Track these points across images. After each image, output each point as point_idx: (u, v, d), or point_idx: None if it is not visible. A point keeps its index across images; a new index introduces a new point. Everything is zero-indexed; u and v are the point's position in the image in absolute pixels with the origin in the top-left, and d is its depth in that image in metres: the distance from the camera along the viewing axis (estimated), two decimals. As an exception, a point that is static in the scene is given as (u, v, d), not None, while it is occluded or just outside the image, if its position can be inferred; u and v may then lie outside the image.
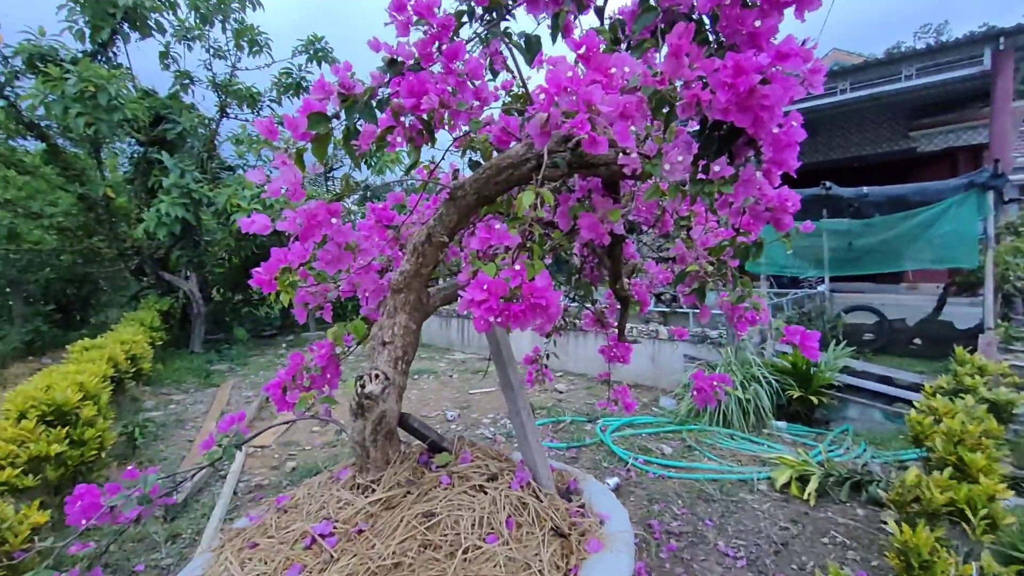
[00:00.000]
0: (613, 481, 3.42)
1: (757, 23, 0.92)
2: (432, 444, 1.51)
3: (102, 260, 9.08)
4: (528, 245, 1.04)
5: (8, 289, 8.99)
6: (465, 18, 1.16)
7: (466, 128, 1.15)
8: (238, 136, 9.73)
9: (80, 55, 7.54)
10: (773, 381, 4.42)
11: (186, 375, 6.98)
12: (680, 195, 1.00)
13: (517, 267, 1.02)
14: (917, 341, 7.02)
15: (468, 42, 1.17)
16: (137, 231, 7.11)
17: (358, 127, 1.05)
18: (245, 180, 7.54)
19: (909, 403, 4.19)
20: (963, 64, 7.07)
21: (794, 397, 4.33)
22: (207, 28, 8.17)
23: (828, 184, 4.71)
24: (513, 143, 1.17)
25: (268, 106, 9.68)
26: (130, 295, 9.46)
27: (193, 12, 7.92)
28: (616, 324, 2.34)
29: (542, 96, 0.82)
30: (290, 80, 9.54)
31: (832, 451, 3.86)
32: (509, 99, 1.63)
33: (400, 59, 1.03)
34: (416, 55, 1.01)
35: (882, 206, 4.52)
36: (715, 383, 1.75)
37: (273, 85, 9.74)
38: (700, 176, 0.98)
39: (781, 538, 2.83)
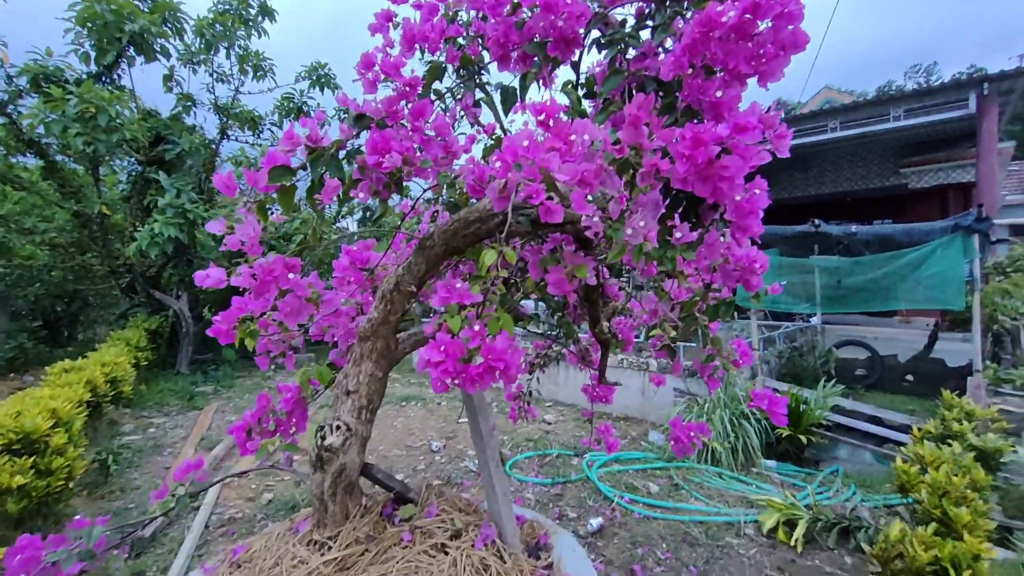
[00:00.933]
0: (597, 522, 3.34)
1: (719, 93, 0.92)
2: (397, 495, 1.46)
3: (93, 277, 9.03)
4: (489, 304, 1.02)
5: (-4, 304, 8.91)
6: (441, 72, 1.17)
7: (434, 182, 1.15)
8: (236, 158, 9.83)
9: (85, 76, 7.67)
10: (763, 419, 4.36)
11: (169, 397, 6.87)
12: (644, 259, 0.99)
13: (477, 327, 1.00)
14: (909, 378, 7.00)
15: (442, 96, 1.18)
16: (130, 249, 7.09)
17: (323, 180, 1.04)
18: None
19: (899, 444, 4.14)
20: (950, 107, 7.25)
21: (783, 436, 4.27)
22: (212, 54, 8.33)
23: (817, 222, 4.76)
24: (484, 196, 1.17)
25: (269, 129, 9.81)
26: (119, 312, 9.38)
27: (199, 39, 8.08)
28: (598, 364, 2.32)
29: (498, 164, 0.82)
30: (292, 105, 9.69)
31: (821, 493, 3.78)
32: (491, 142, 1.64)
33: (368, 115, 1.03)
34: (383, 112, 1.01)
35: (871, 245, 4.56)
36: (692, 433, 1.71)
37: (275, 109, 9.90)
38: (666, 238, 0.98)
39: (767, 588, 2.74)
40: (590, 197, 0.84)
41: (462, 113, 1.26)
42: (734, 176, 0.88)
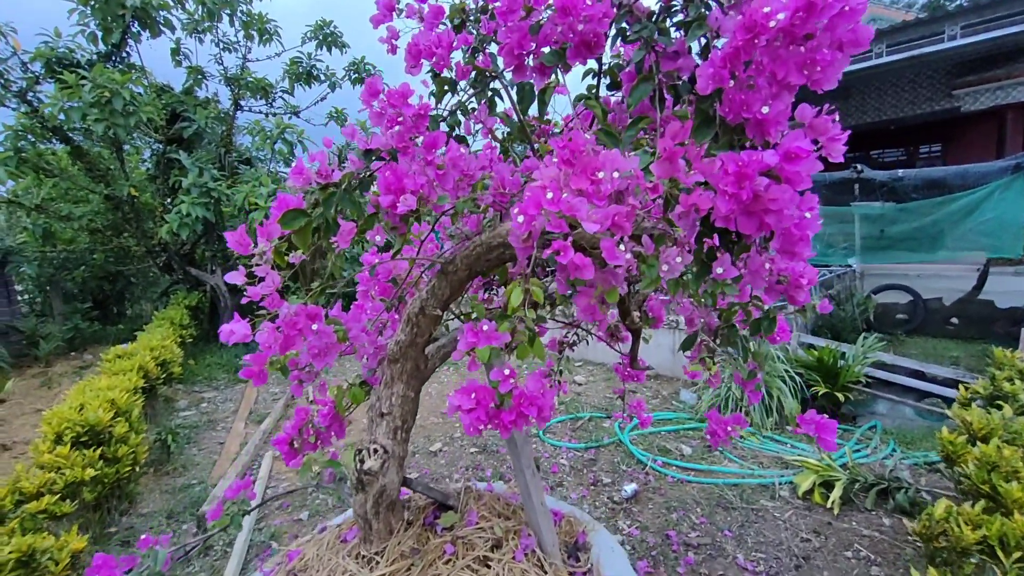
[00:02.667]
0: (631, 488, 3.42)
1: (764, 109, 0.82)
2: (438, 503, 1.50)
3: (132, 257, 9.38)
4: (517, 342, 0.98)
5: (48, 288, 9.40)
6: (452, 86, 1.08)
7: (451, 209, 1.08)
8: (251, 127, 9.75)
9: (95, 57, 7.61)
10: (797, 377, 4.30)
11: (217, 371, 7.24)
12: (681, 290, 0.92)
13: (507, 371, 0.97)
14: (954, 321, 6.71)
15: (454, 113, 1.09)
16: (162, 230, 7.28)
17: (337, 220, 1.00)
18: (263, 177, 7.58)
19: (943, 398, 4.03)
20: (1013, 19, 6.48)
21: (820, 393, 4.21)
22: (216, 22, 8.10)
23: (860, 167, 4.44)
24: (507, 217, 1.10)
25: (281, 97, 9.64)
26: (160, 290, 9.77)
27: (200, 7, 7.84)
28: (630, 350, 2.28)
29: (520, 218, 0.75)
30: (301, 69, 9.45)
31: (858, 451, 3.76)
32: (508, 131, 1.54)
33: (377, 149, 0.97)
34: (393, 146, 0.95)
35: (919, 189, 4.25)
36: (730, 426, 1.68)
37: (285, 74, 9.67)
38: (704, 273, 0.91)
39: (803, 551, 2.79)
40: (622, 246, 0.77)
41: (477, 127, 1.17)
42: (782, 209, 0.79)
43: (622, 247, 0.77)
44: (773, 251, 0.93)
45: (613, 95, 1.32)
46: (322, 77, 9.78)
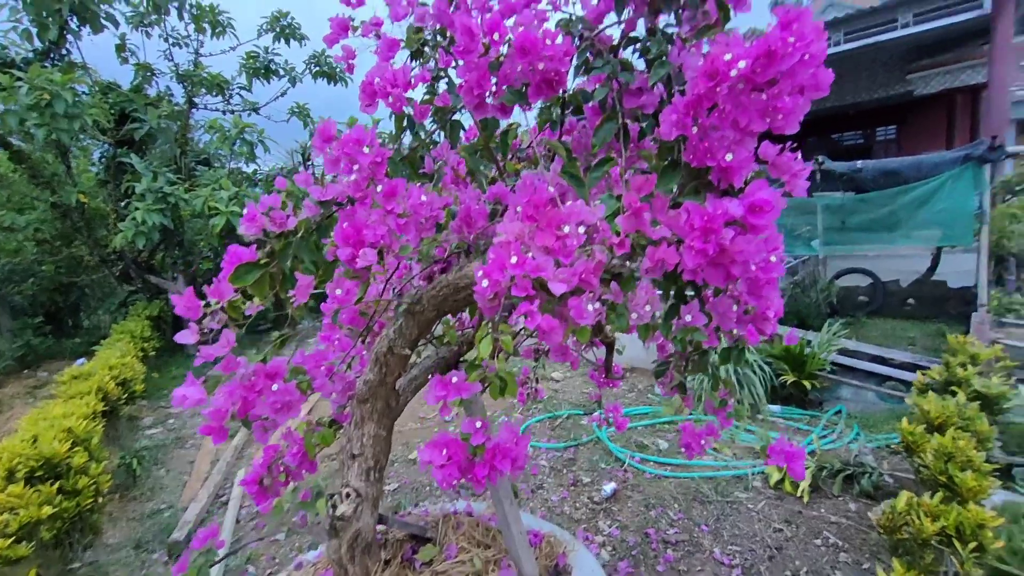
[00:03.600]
0: (610, 487, 3.46)
1: (728, 156, 0.80)
2: (416, 537, 1.48)
3: (86, 267, 8.92)
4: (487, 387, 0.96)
5: (-7, 303, 8.87)
6: (411, 124, 1.03)
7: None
8: (209, 125, 9.33)
9: (31, 55, 7.12)
10: (767, 367, 4.42)
11: (183, 382, 6.97)
12: (650, 334, 0.91)
13: (478, 424, 0.95)
14: (911, 302, 7.02)
15: (415, 151, 1.04)
16: (116, 240, 6.92)
17: (294, 273, 0.94)
18: (223, 180, 7.28)
19: (901, 382, 4.21)
20: (962, 8, 6.72)
21: (789, 382, 4.34)
22: (163, 16, 7.67)
23: (821, 159, 4.56)
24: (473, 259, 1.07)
25: (238, 93, 9.24)
26: (119, 301, 9.34)
27: (145, 0, 7.40)
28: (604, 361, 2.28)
29: (485, 282, 0.72)
30: (258, 64, 9.07)
31: (824, 437, 3.90)
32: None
33: (333, 200, 0.91)
34: (350, 195, 0.90)
35: (877, 180, 4.38)
36: (703, 438, 1.71)
37: (241, 68, 9.26)
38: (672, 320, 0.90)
39: (775, 541, 2.89)
40: (591, 306, 0.75)
41: (438, 164, 1.12)
42: (748, 260, 0.78)
43: (591, 307, 0.75)
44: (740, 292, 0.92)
45: (578, 118, 1.29)
46: (281, 72, 9.41)
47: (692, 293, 0.91)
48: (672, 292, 0.90)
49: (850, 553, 2.72)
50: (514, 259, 0.71)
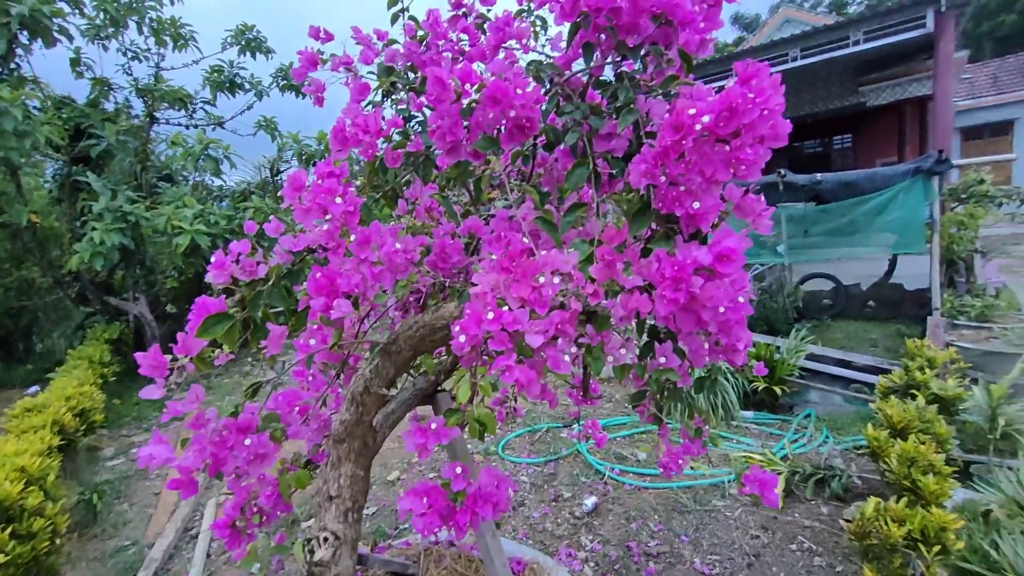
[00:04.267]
0: (591, 501, 3.48)
1: (696, 204, 0.83)
2: (397, 574, 1.45)
3: (38, 290, 8.49)
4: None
5: (-64, 330, 8.34)
6: (383, 170, 1.03)
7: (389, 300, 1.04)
8: (171, 139, 9.03)
9: (-23, 70, 6.79)
10: (738, 374, 4.53)
11: (147, 409, 6.69)
12: (626, 374, 0.93)
13: (459, 470, 0.94)
14: (871, 304, 7.33)
15: (387, 195, 1.04)
16: (71, 262, 6.61)
17: (266, 322, 0.92)
18: (186, 198, 7.06)
19: (865, 384, 4.38)
20: (908, 27, 7.12)
21: (760, 388, 4.46)
22: (122, 30, 7.42)
23: (783, 172, 4.74)
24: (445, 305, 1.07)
25: (202, 108, 9.01)
26: (75, 324, 8.90)
27: (102, 13, 7.16)
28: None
29: (462, 337, 0.72)
30: (223, 77, 8.86)
31: (796, 441, 4.02)
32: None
33: (305, 247, 0.90)
34: (320, 244, 0.89)
35: (835, 192, 4.58)
36: (681, 459, 1.74)
37: (205, 81, 9.02)
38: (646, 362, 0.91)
39: (753, 548, 2.95)
40: (567, 356, 0.76)
41: (412, 204, 1.12)
42: (718, 305, 0.81)
43: (567, 356, 0.76)
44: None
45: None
46: (247, 85, 9.22)
47: (664, 334, 0.93)
48: (646, 334, 0.92)
49: (824, 557, 2.79)
50: (490, 314, 0.71)
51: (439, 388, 1.68)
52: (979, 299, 4.54)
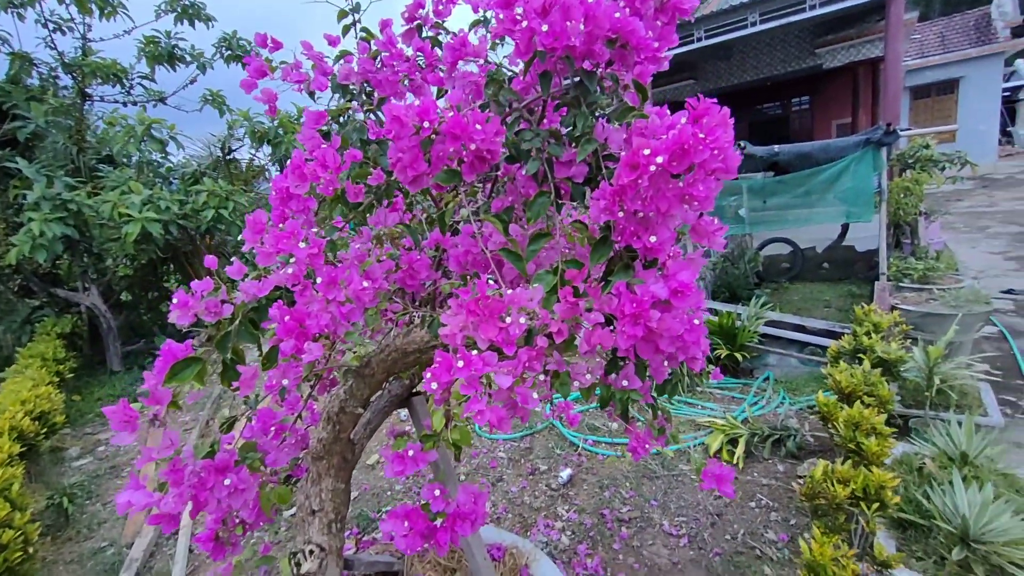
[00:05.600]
0: (567, 473, 3.64)
1: (652, 238, 0.87)
2: (383, 573, 1.52)
3: (-24, 285, 7.95)
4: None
5: None
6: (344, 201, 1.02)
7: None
8: (110, 118, 8.39)
9: None
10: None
11: (111, 404, 6.47)
12: (591, 394, 0.98)
13: (437, 492, 0.99)
14: (826, 265, 7.71)
15: (355, 228, 1.03)
16: (9, 257, 6.19)
17: (235, 363, 0.92)
18: (132, 183, 6.65)
19: (818, 347, 4.65)
20: (861, -11, 7.24)
21: (723, 356, 4.68)
22: (40, 1, 6.74)
23: (743, 144, 4.83)
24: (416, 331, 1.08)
25: (139, 83, 8.37)
26: (21, 318, 8.42)
27: (13, -22, 6.46)
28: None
29: (434, 384, 0.75)
30: (160, 49, 8.22)
31: (756, 404, 4.27)
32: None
33: (272, 289, 0.90)
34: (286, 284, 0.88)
35: (792, 163, 4.72)
36: (647, 443, 1.84)
37: (140, 53, 8.34)
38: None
39: (716, 508, 3.17)
40: (536, 395, 0.80)
41: (376, 231, 1.11)
42: (673, 336, 0.86)
43: (536, 395, 0.80)
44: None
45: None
46: (188, 57, 8.59)
47: (624, 359, 0.98)
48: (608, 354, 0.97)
49: (779, 512, 3.04)
50: (460, 363, 0.74)
51: (414, 391, 1.71)
52: (921, 262, 4.84)
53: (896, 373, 3.31)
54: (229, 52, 9.04)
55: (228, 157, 8.93)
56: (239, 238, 8.09)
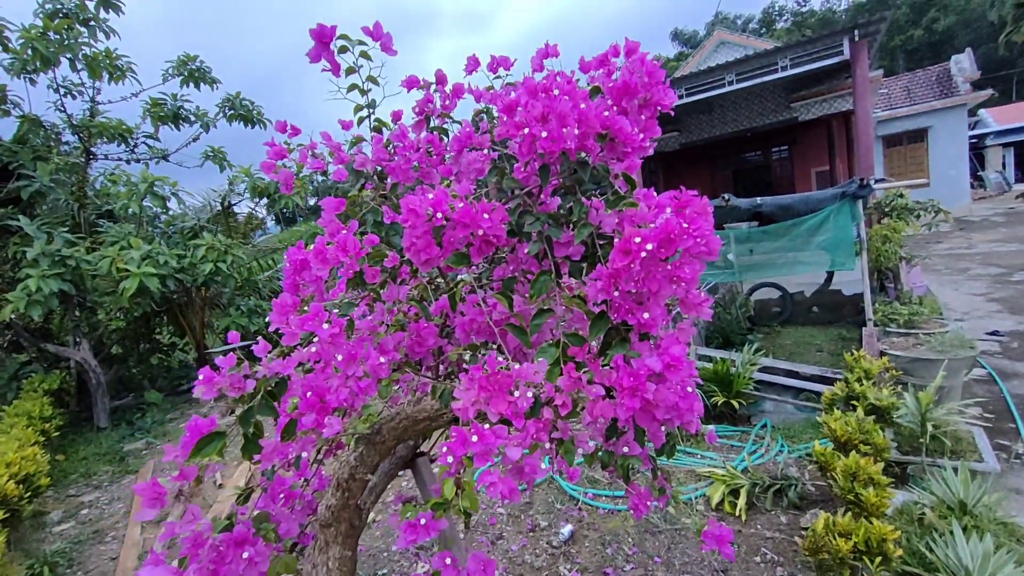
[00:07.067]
0: (568, 529, 3.57)
1: (646, 315, 0.95)
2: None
3: (-36, 342, 7.86)
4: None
5: None
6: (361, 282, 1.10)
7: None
8: (113, 176, 8.59)
9: None
10: (698, 390, 4.75)
11: (96, 464, 6.31)
12: (594, 461, 1.03)
13: (448, 561, 1.01)
14: (815, 309, 7.86)
15: (371, 305, 1.11)
16: (3, 313, 6.18)
17: (257, 438, 0.97)
18: (131, 238, 6.76)
19: (813, 392, 4.70)
20: (827, 54, 7.80)
21: (720, 403, 4.70)
22: (53, 68, 7.08)
23: (727, 196, 5.07)
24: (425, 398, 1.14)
25: (144, 142, 8.67)
26: (9, 374, 8.27)
27: (29, 50, 6.80)
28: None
29: (450, 458, 0.80)
30: (165, 111, 8.56)
31: (755, 452, 4.26)
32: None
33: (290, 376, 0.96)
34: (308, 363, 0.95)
35: (775, 213, 4.94)
36: (649, 500, 1.86)
37: (145, 114, 8.67)
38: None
39: (721, 564, 3.11)
40: (545, 461, 0.85)
41: (389, 305, 1.19)
42: (669, 407, 0.92)
43: (544, 464, 0.86)
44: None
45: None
46: (192, 117, 8.96)
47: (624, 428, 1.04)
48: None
49: (785, 567, 2.99)
50: (475, 438, 0.80)
51: (418, 452, 1.74)
52: (906, 307, 4.98)
53: (890, 419, 3.35)
54: (232, 111, 9.44)
55: (227, 211, 9.11)
56: (235, 288, 8.07)
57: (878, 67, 14.90)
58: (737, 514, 3.47)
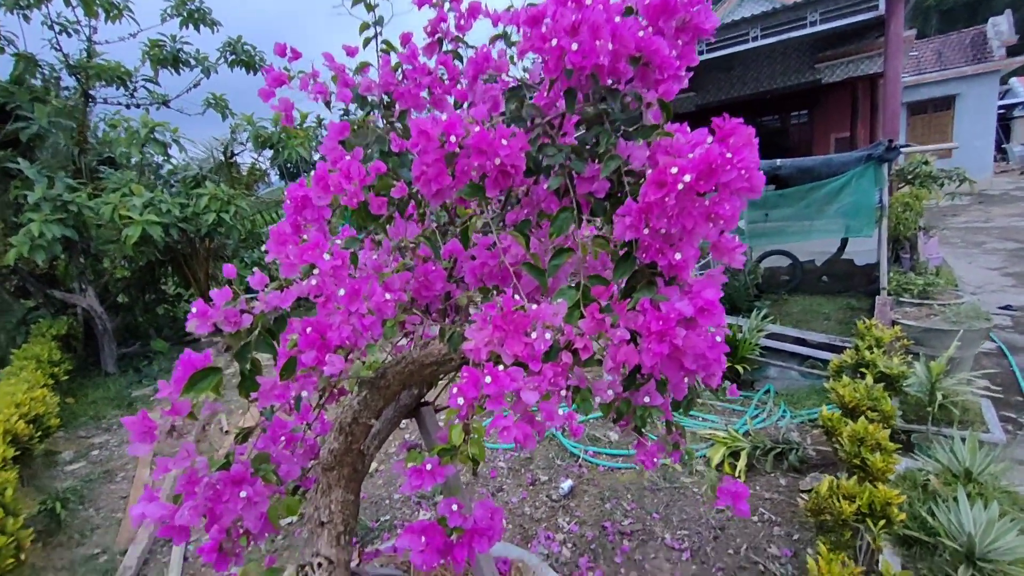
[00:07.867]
0: (567, 484, 3.62)
1: (677, 256, 0.87)
2: (388, 587, 1.50)
3: (-29, 285, 7.89)
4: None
5: None
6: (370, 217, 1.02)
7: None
8: (112, 120, 8.37)
9: None
10: (704, 353, 4.73)
11: (105, 407, 6.44)
12: (611, 410, 0.98)
13: (455, 507, 0.98)
14: (825, 279, 7.73)
15: (377, 241, 1.03)
16: (7, 257, 6.15)
17: (254, 374, 0.91)
18: (133, 185, 6.64)
19: (819, 360, 4.66)
20: (861, 8, 7.33)
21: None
22: (47, 4, 6.76)
23: (744, 157, 4.87)
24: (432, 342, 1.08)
25: (143, 85, 8.39)
26: (16, 319, 8.34)
27: (20, -19, 6.47)
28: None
29: (460, 400, 0.74)
30: (165, 53, 8.24)
31: (756, 416, 4.27)
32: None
33: (295, 299, 0.89)
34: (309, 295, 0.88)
35: (794, 177, 4.76)
36: (656, 456, 1.83)
37: (144, 57, 8.36)
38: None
39: (719, 522, 3.15)
40: (562, 408, 0.79)
41: (395, 243, 1.11)
42: (701, 351, 0.86)
43: (561, 410, 0.80)
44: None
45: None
46: (192, 61, 8.62)
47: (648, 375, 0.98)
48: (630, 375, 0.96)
49: (782, 526, 3.03)
50: (488, 379, 0.74)
51: (422, 401, 1.70)
52: (921, 277, 4.86)
53: (898, 388, 3.31)
54: (233, 57, 9.08)
55: (230, 161, 8.92)
56: (239, 240, 8.01)
57: (911, 27, 14.11)
58: (736, 475, 3.50)
